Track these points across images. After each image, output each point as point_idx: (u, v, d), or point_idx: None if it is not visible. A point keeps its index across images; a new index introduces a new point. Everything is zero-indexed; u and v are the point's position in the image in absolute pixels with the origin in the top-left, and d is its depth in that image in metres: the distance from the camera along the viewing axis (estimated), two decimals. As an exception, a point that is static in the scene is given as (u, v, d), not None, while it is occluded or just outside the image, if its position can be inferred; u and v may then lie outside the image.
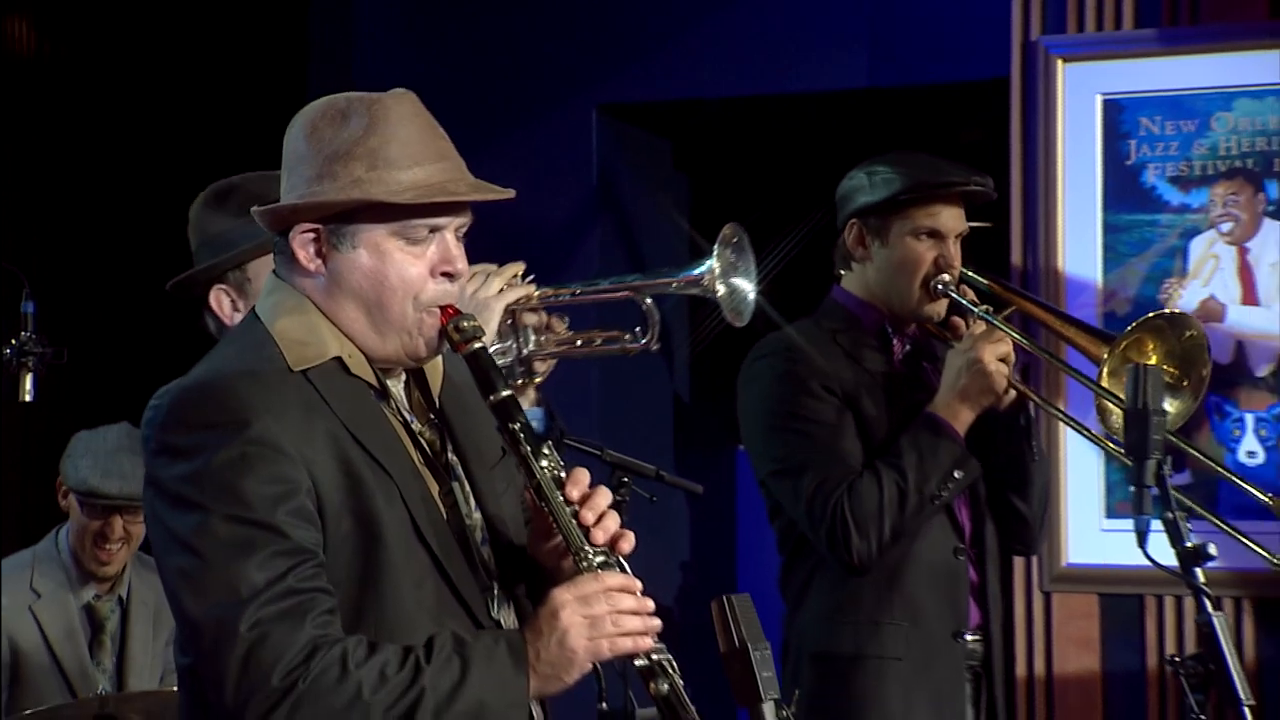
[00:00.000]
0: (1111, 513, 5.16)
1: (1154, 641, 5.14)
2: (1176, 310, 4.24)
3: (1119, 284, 5.17)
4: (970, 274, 4.30)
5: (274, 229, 2.84)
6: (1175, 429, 4.23)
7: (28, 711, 4.72)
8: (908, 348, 4.25)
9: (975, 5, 5.57)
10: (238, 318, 3.56)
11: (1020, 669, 5.18)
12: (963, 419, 4.06)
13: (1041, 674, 5.18)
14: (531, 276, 3.54)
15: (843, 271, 4.30)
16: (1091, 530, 5.20)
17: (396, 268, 2.77)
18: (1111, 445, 4.32)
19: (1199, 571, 3.20)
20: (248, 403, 2.68)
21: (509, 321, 3.60)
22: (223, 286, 3.56)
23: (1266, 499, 4.39)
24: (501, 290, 3.49)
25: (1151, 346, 4.18)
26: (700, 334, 6.92)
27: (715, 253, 3.69)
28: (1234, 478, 4.66)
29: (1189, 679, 3.18)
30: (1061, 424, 5.04)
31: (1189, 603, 5.04)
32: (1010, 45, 5.27)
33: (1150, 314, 4.22)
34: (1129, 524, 4.98)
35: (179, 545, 2.66)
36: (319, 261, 2.79)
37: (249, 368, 2.74)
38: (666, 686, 2.74)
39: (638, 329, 3.53)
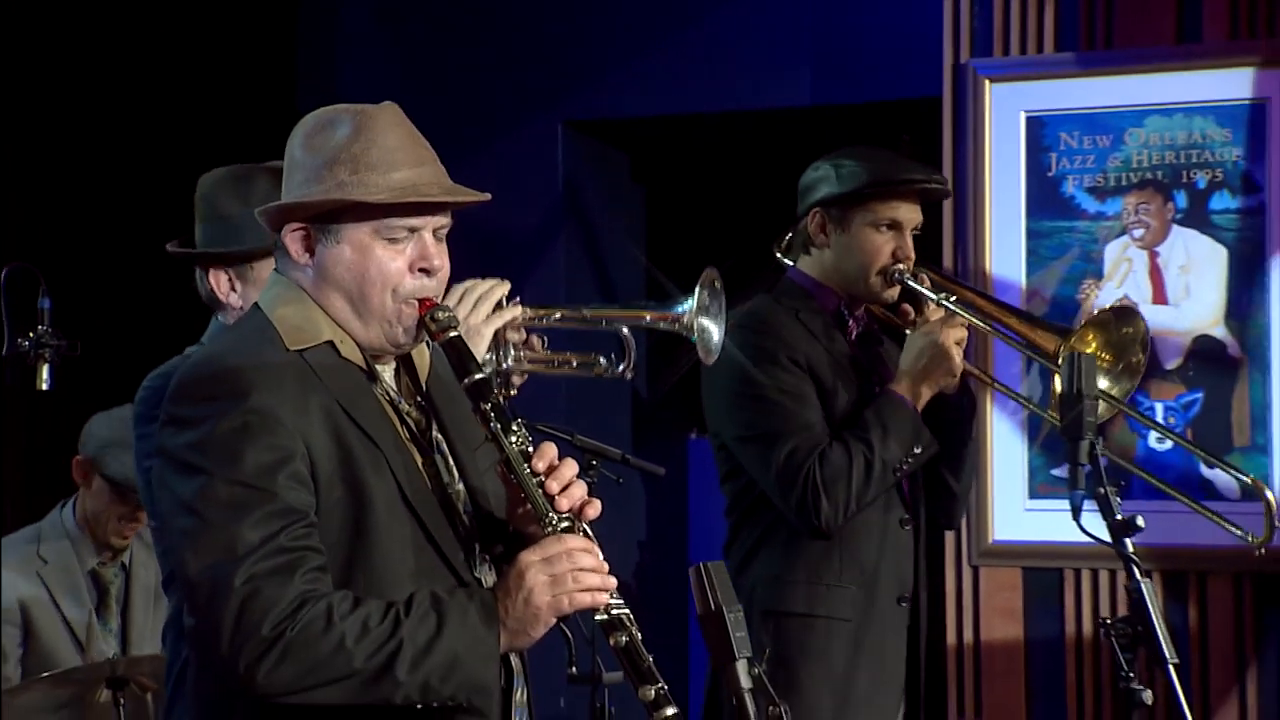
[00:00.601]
0: (1034, 494, 5.18)
1: (1072, 611, 5.15)
2: (1128, 304, 4.21)
3: (1040, 284, 5.18)
4: (923, 268, 4.26)
5: (273, 228, 2.88)
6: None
7: (44, 674, 4.77)
8: (859, 329, 4.21)
9: (911, 30, 5.57)
10: (233, 297, 3.60)
11: (950, 637, 5.20)
12: (922, 397, 4.05)
13: (970, 641, 5.20)
14: (517, 298, 3.51)
15: (801, 255, 4.24)
16: (1016, 510, 5.21)
17: (376, 263, 2.79)
18: (1052, 416, 4.29)
19: (1128, 542, 3.24)
20: (248, 378, 2.70)
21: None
22: (223, 269, 3.59)
23: (1249, 480, 4.49)
24: (489, 316, 3.45)
25: (1091, 336, 4.18)
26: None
27: (695, 294, 3.67)
28: (1220, 461, 4.72)
29: (1119, 640, 3.19)
30: (989, 413, 5.11)
31: (1104, 575, 5.12)
32: (942, 67, 5.27)
33: (1104, 308, 4.20)
34: (1050, 504, 5.15)
35: (183, 508, 2.67)
36: (308, 256, 2.82)
37: (250, 349, 2.77)
38: (625, 639, 2.77)
39: (613, 355, 3.49)
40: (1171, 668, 3.13)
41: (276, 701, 2.64)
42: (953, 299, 4.18)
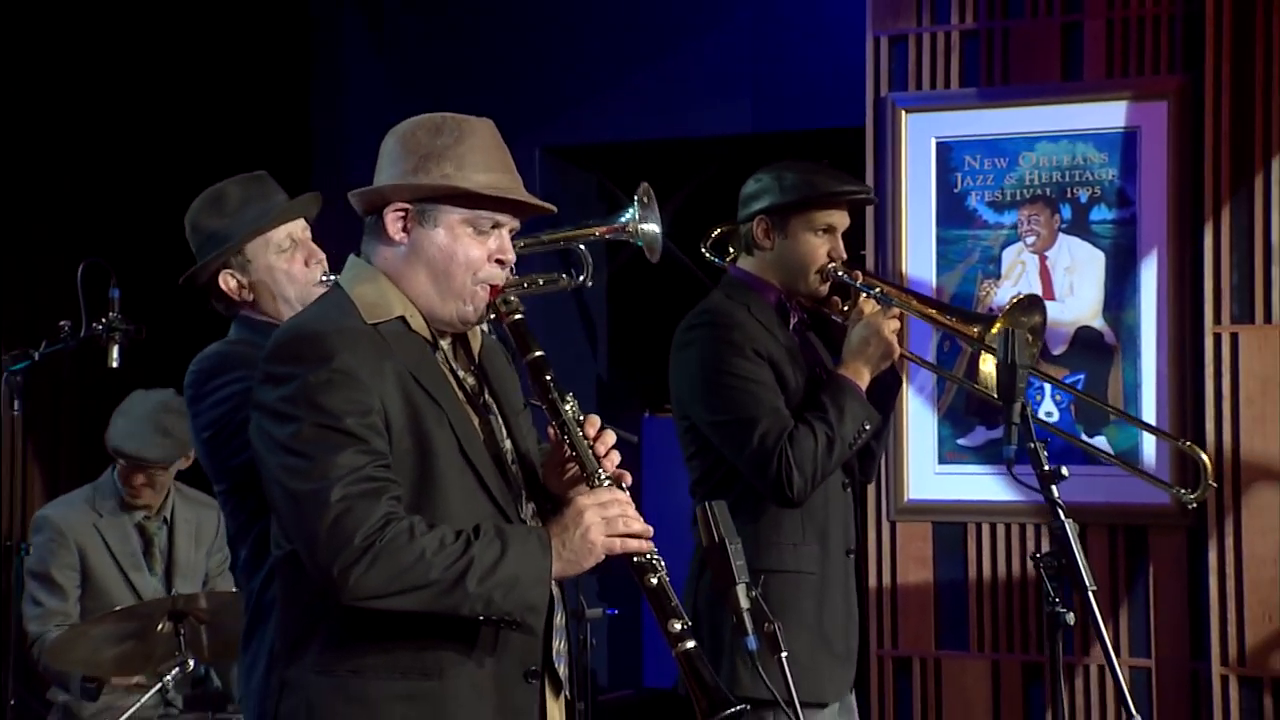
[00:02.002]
0: (942, 460, 5.21)
1: (974, 559, 5.19)
2: (1037, 296, 4.13)
3: (947, 283, 5.20)
4: (853, 266, 4.20)
5: (365, 210, 2.84)
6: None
7: (119, 608, 4.78)
8: (796, 320, 4.14)
9: (840, 68, 5.55)
10: (244, 293, 3.50)
11: (871, 581, 5.22)
12: (864, 379, 3.97)
13: (888, 585, 5.24)
14: None
15: (743, 255, 4.13)
16: (927, 474, 5.24)
17: (464, 248, 2.78)
18: (977, 388, 4.31)
19: (1054, 488, 3.20)
20: (332, 342, 2.68)
21: None
22: (228, 270, 3.49)
23: (1184, 445, 4.47)
24: None
25: (1005, 321, 4.05)
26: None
27: (633, 205, 3.63)
28: (1155, 430, 4.81)
29: (1047, 571, 3.18)
30: (905, 391, 5.03)
31: (1000, 529, 5.17)
32: (865, 100, 5.28)
33: (1019, 296, 4.13)
34: (955, 469, 5.21)
35: (281, 449, 2.66)
36: (403, 235, 2.79)
37: (333, 319, 2.75)
38: (655, 579, 2.74)
39: (572, 270, 3.38)
40: (1091, 594, 3.12)
41: (363, 606, 2.62)
42: (879, 291, 4.14)
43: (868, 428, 3.97)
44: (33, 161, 6.24)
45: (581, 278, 3.37)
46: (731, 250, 4.22)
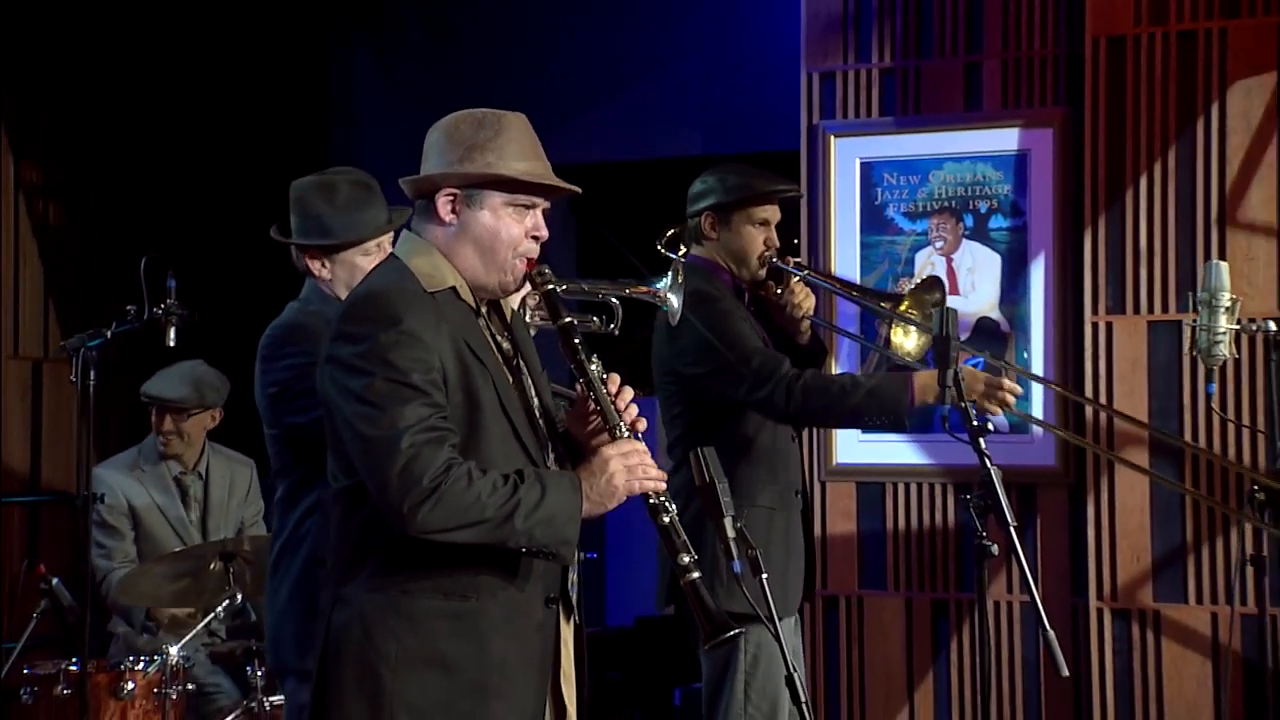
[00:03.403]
0: (865, 430, 5.11)
1: (890, 513, 5.22)
2: (936, 276, 4.09)
3: (869, 281, 5.16)
4: (786, 254, 4.21)
5: (416, 194, 2.82)
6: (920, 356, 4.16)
7: (177, 549, 4.80)
8: (746, 299, 4.13)
9: (778, 100, 5.56)
10: (324, 272, 3.56)
11: None
12: (919, 401, 3.81)
13: (818, 535, 5.20)
14: (545, 266, 3.30)
15: (694, 245, 4.12)
16: (852, 442, 5.25)
17: (506, 227, 2.77)
18: (893, 356, 4.28)
19: (981, 440, 3.19)
20: (400, 306, 2.67)
21: None
22: (318, 254, 3.56)
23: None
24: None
25: (912, 299, 4.15)
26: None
27: (670, 275, 3.62)
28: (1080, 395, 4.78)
29: (975, 510, 3.15)
30: (831, 369, 4.99)
31: (913, 487, 5.19)
32: (800, 126, 5.31)
33: (922, 278, 4.08)
34: (876, 438, 5.15)
35: (355, 399, 2.63)
36: (453, 216, 2.77)
37: (398, 286, 2.72)
38: (668, 518, 2.76)
39: (604, 316, 3.38)
40: (1013, 529, 3.11)
41: (426, 538, 2.61)
42: (807, 274, 4.18)
43: (881, 421, 3.88)
44: (103, 177, 6.35)
45: (611, 325, 3.35)
46: (682, 246, 4.21)
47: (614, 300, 3.41)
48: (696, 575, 2.73)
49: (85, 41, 6.29)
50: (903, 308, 4.06)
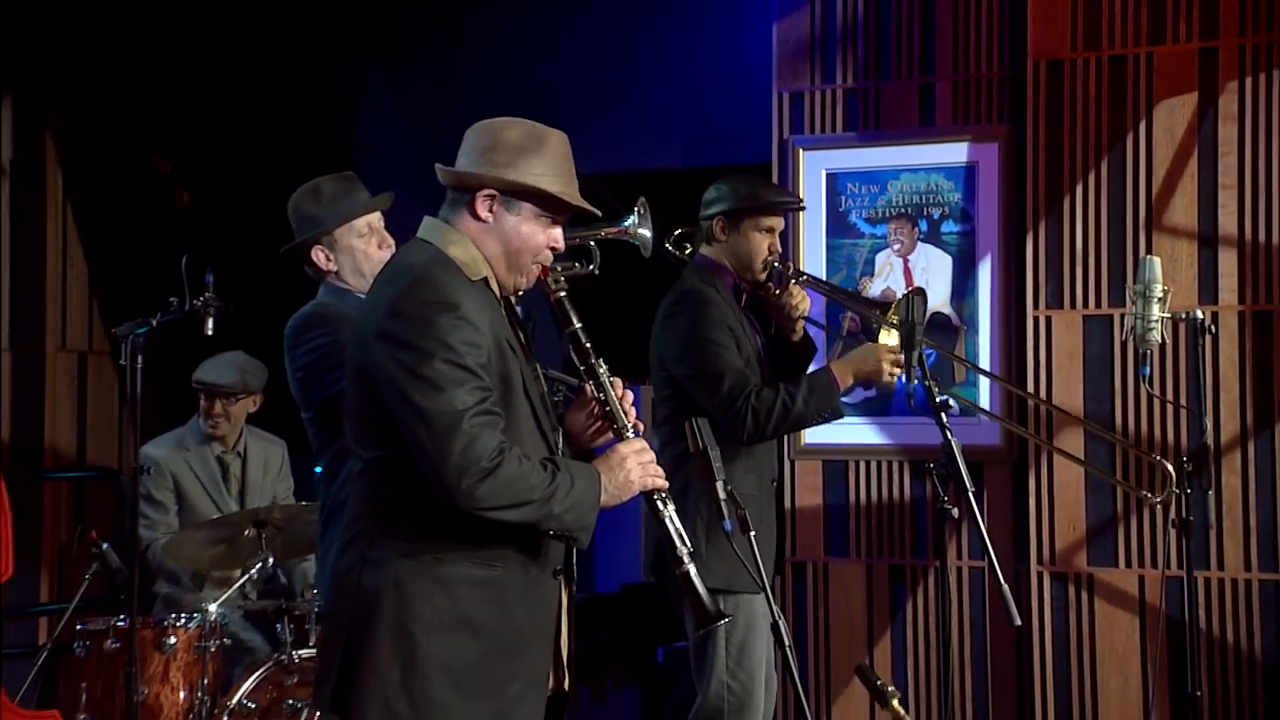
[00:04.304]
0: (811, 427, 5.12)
1: (853, 488, 5.23)
2: (921, 288, 4.05)
3: (834, 280, 5.16)
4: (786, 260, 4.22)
5: (453, 186, 2.74)
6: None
7: (215, 516, 4.81)
8: (746, 298, 4.12)
9: (751, 117, 5.53)
10: (330, 265, 3.54)
11: None
12: (846, 382, 3.90)
13: (788, 508, 5.26)
14: None
15: (703, 245, 4.11)
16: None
17: (533, 235, 2.71)
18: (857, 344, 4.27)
19: (943, 415, 3.23)
20: (455, 290, 2.61)
21: None
22: (319, 246, 3.55)
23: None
24: None
25: (894, 310, 4.08)
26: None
27: (635, 213, 3.61)
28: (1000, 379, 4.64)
29: (938, 477, 3.19)
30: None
31: (873, 465, 5.19)
32: (771, 141, 5.31)
33: (909, 289, 4.06)
34: (839, 420, 5.15)
35: (409, 375, 2.54)
36: (490, 215, 2.70)
37: (446, 271, 2.66)
38: (668, 514, 2.76)
39: (583, 260, 3.29)
40: (971, 495, 3.12)
41: (477, 514, 2.55)
42: (805, 279, 4.20)
43: (825, 415, 3.93)
44: (142, 189, 6.41)
45: (591, 266, 3.28)
46: (689, 245, 4.22)
47: (591, 243, 3.35)
48: (691, 567, 2.72)
49: (129, 64, 6.32)
50: (891, 314, 4.06)
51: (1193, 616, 4.12)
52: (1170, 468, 4.20)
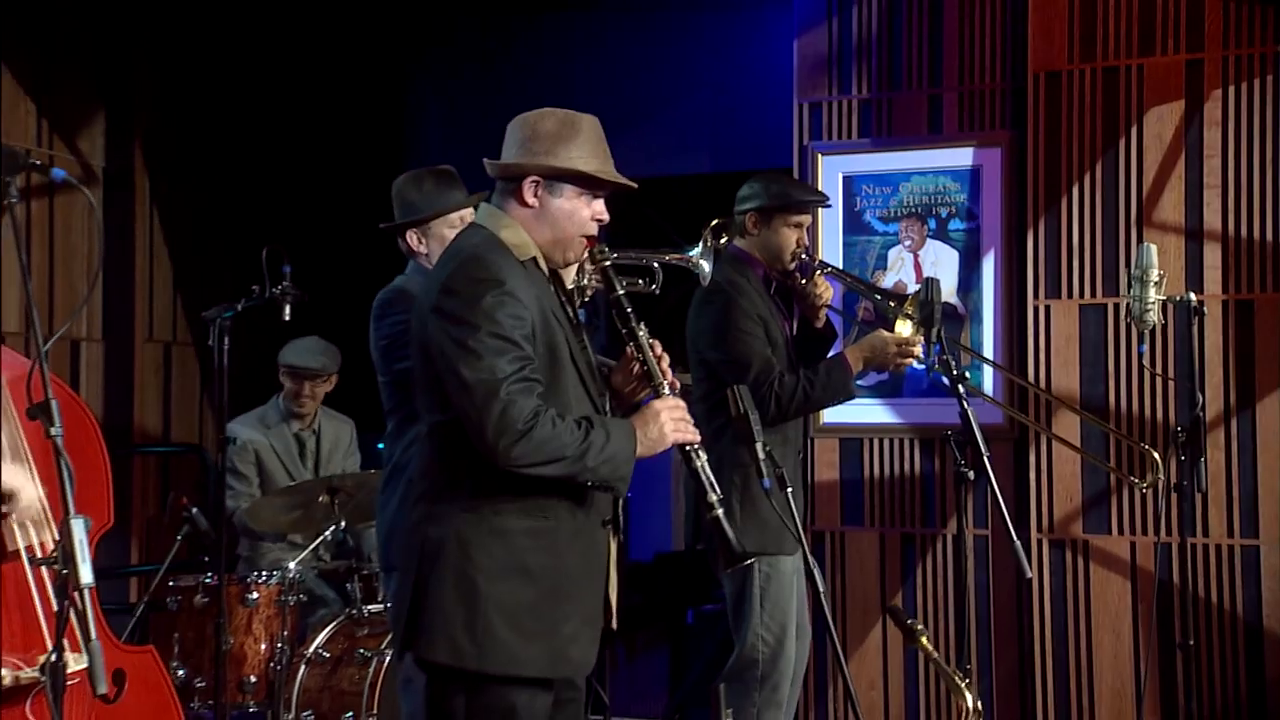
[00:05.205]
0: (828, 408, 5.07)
1: (867, 463, 5.21)
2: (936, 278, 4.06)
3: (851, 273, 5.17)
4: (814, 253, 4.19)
5: (501, 176, 2.74)
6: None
7: (292, 483, 4.83)
8: (775, 288, 4.11)
9: (774, 125, 5.51)
10: (421, 247, 3.60)
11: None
12: (858, 367, 3.87)
13: (809, 483, 5.21)
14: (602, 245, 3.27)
15: (737, 237, 4.07)
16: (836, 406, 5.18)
17: (578, 212, 2.73)
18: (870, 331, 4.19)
19: (960, 388, 3.22)
20: (502, 269, 2.62)
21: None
22: (414, 230, 3.60)
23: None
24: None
25: (910, 302, 4.03)
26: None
27: (701, 243, 3.58)
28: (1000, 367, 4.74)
29: (956, 444, 3.17)
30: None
31: (886, 442, 5.16)
32: (792, 147, 5.29)
33: (925, 280, 3.85)
34: (855, 401, 4.84)
35: (458, 346, 2.56)
36: (535, 199, 2.70)
37: (496, 252, 2.67)
38: (700, 463, 2.72)
39: (647, 278, 3.27)
40: (986, 459, 3.09)
41: (515, 470, 2.55)
42: (830, 271, 4.18)
43: (839, 400, 3.93)
44: (221, 195, 6.42)
45: (654, 285, 3.25)
46: (725, 235, 4.17)
47: (655, 265, 3.34)
48: (721, 511, 2.70)
49: (209, 79, 6.36)
50: (907, 305, 4.03)
51: (1185, 576, 4.10)
52: (1156, 455, 4.17)
